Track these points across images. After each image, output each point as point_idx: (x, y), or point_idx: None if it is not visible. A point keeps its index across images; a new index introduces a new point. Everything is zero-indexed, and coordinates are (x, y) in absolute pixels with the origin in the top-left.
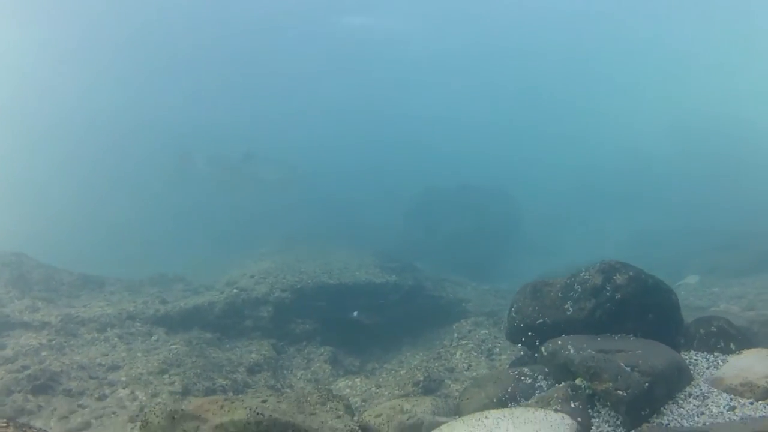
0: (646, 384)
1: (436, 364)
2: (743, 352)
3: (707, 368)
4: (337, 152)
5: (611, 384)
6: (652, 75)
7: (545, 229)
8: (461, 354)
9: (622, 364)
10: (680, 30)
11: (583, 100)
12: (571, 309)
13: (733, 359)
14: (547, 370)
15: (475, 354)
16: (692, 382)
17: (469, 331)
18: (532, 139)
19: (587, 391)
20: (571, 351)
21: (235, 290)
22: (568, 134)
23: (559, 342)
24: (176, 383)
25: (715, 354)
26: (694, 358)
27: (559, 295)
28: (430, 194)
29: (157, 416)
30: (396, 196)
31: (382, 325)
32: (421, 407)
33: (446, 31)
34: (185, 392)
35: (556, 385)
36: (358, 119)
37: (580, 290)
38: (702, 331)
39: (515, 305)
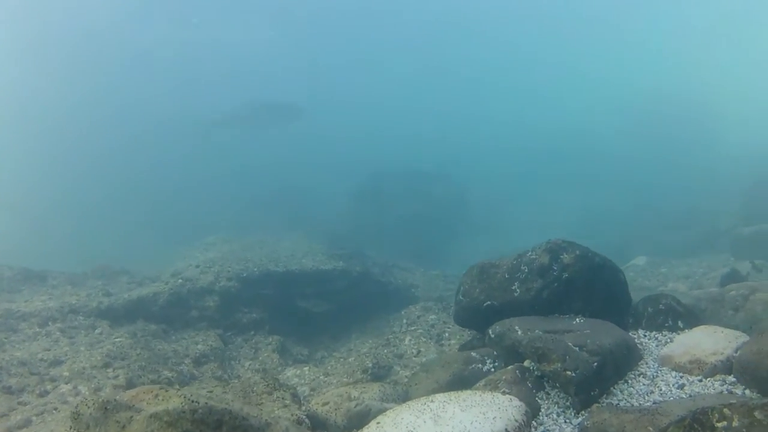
0: (595, 363)
1: (385, 351)
2: (691, 329)
3: (656, 347)
4: (284, 138)
5: (560, 364)
6: (600, 55)
7: (492, 213)
8: (410, 340)
9: (570, 344)
10: (628, 8)
11: (527, 81)
12: (518, 290)
13: (681, 337)
14: (495, 352)
15: (424, 339)
16: (641, 361)
17: (418, 317)
18: (477, 123)
19: (536, 372)
20: (519, 332)
21: (180, 281)
22: (514, 117)
23: (507, 324)
24: (120, 377)
25: (664, 332)
26: (643, 336)
27: (506, 276)
28: (377, 180)
29: (88, 407)
30: (343, 182)
31: (331, 313)
32: (369, 394)
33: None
34: (129, 386)
35: (505, 367)
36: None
37: (527, 271)
38: (650, 309)
39: (462, 288)
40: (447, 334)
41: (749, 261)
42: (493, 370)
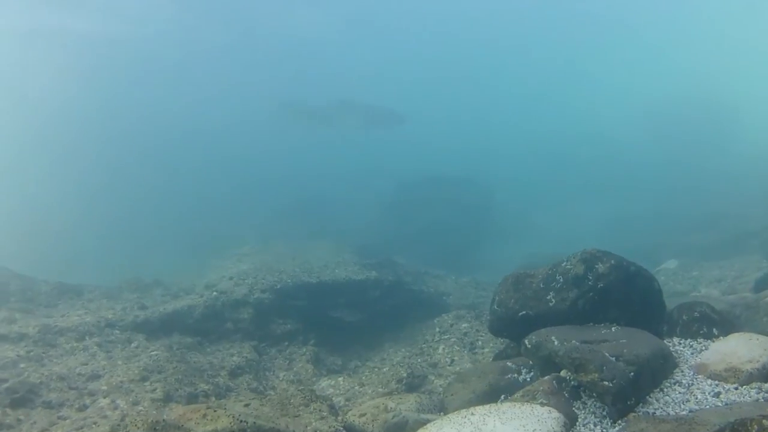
0: (632, 373)
1: (419, 360)
2: (726, 337)
3: (691, 355)
4: (310, 150)
5: (597, 375)
6: (622, 61)
7: (519, 220)
8: (444, 349)
9: (606, 354)
10: (650, 14)
11: (554, 89)
12: (553, 300)
13: (716, 344)
14: (531, 362)
15: (457, 348)
16: (677, 370)
17: (451, 325)
18: (505, 131)
19: (572, 382)
20: (555, 343)
21: (214, 293)
22: (541, 124)
23: (543, 334)
24: (158, 390)
25: (699, 340)
26: (678, 344)
27: (541, 286)
28: (405, 189)
29: (138, 427)
30: (371, 191)
31: (364, 322)
32: (406, 405)
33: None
34: (167, 399)
35: (541, 377)
36: None
37: (561, 280)
38: (685, 317)
39: (497, 297)
40: (480, 343)
41: None
42: (528, 380)
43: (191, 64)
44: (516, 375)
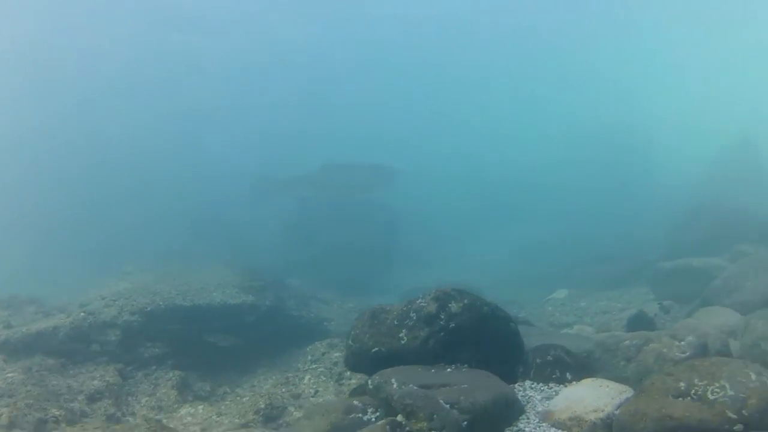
0: (465, 422)
1: (283, 390)
2: (579, 382)
3: (540, 400)
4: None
5: (426, 423)
6: (543, 84)
7: (429, 242)
8: (310, 378)
9: (441, 401)
10: (570, 36)
11: (465, 109)
12: (405, 338)
13: (566, 390)
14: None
15: (324, 379)
16: (523, 416)
17: (323, 354)
18: (416, 153)
19: (407, 428)
20: (394, 385)
21: (81, 314)
22: (454, 147)
23: (386, 374)
24: (3, 416)
25: (551, 384)
26: (529, 388)
27: (395, 323)
28: (308, 207)
29: None
30: (273, 209)
31: (239, 347)
32: None
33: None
34: (11, 426)
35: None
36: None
37: (415, 318)
38: (538, 360)
39: (353, 332)
40: (349, 374)
41: (657, 302)
42: (374, 420)
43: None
44: (361, 415)
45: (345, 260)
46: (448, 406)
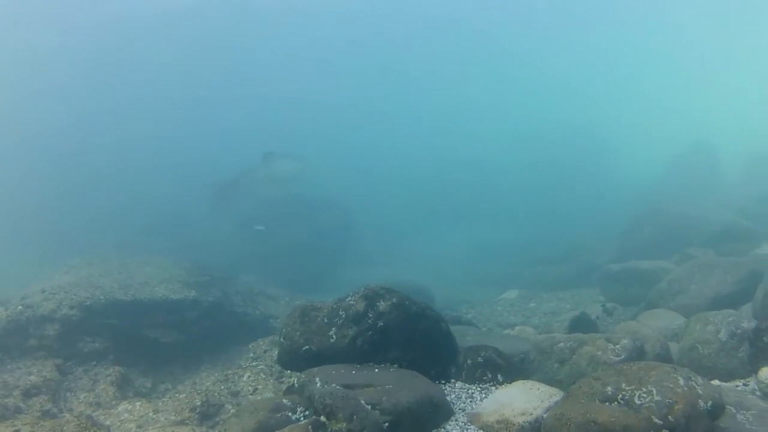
0: (386, 423)
1: (222, 387)
2: (510, 384)
3: (470, 402)
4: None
5: (345, 424)
6: (499, 85)
7: (388, 243)
8: (249, 376)
9: (362, 401)
10: (524, 39)
11: (422, 110)
12: (334, 336)
13: (497, 392)
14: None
15: (263, 376)
16: (453, 418)
17: (265, 351)
18: (374, 152)
19: (328, 429)
20: (317, 384)
21: (20, 307)
22: (412, 146)
23: (312, 373)
24: None
25: (482, 386)
26: (460, 390)
27: (325, 321)
28: (262, 204)
29: None
30: (228, 205)
31: (182, 343)
32: None
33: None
34: None
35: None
36: None
37: (344, 316)
38: (469, 361)
39: (284, 330)
40: (289, 372)
41: (600, 304)
42: (302, 419)
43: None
44: (290, 414)
45: (297, 257)
46: (369, 406)
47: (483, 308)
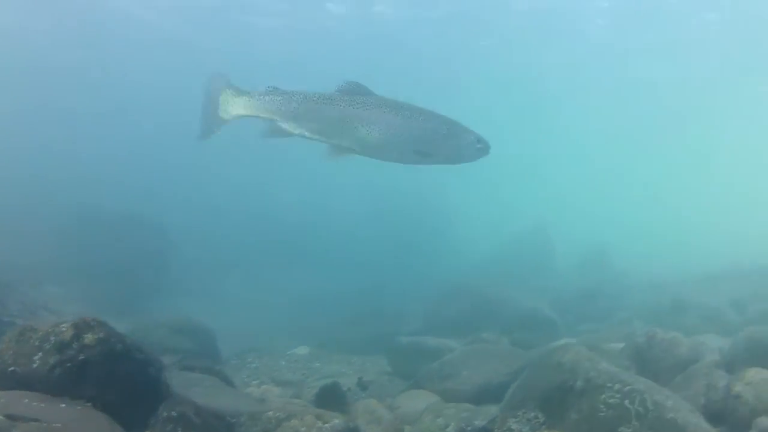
0: None
1: None
2: None
3: None
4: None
5: None
6: None
7: (208, 276)
8: None
9: None
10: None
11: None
12: (38, 361)
13: None
14: None
15: None
16: None
17: None
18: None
19: None
20: None
21: None
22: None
23: None
24: None
25: None
26: None
27: (37, 343)
28: (86, 220)
29: None
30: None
31: None
32: None
33: None
34: None
35: None
36: None
37: (53, 341)
38: (165, 414)
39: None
40: None
41: (357, 377)
42: None
43: None
44: None
45: (111, 275)
46: None
47: (268, 360)
